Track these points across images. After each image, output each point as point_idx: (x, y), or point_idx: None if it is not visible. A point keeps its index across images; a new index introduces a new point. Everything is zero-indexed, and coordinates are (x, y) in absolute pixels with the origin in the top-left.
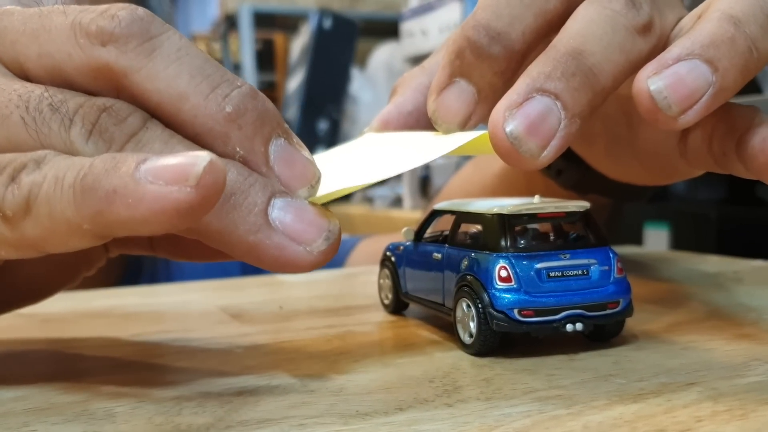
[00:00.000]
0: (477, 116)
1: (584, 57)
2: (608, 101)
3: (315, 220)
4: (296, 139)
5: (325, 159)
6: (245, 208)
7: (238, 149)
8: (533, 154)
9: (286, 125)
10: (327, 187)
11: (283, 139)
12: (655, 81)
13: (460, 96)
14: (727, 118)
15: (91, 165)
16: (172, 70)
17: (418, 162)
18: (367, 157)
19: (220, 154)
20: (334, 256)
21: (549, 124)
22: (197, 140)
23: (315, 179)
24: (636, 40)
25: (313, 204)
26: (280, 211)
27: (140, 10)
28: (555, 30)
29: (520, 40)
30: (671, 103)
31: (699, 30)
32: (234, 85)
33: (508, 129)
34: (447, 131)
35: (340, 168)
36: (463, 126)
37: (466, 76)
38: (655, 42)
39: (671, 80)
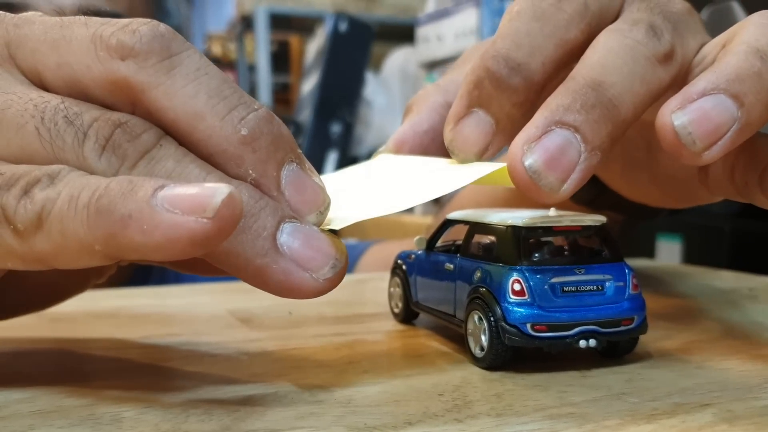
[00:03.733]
0: (494, 147)
1: (604, 88)
2: None
3: (323, 247)
4: (308, 165)
5: (340, 181)
6: (254, 231)
7: (250, 172)
8: (553, 188)
9: (299, 150)
10: (343, 216)
11: (295, 164)
12: (679, 116)
13: (477, 126)
14: (750, 149)
15: (107, 187)
16: (189, 89)
17: (436, 194)
18: (384, 186)
19: (233, 176)
20: (338, 285)
21: (568, 157)
22: (210, 160)
23: (324, 206)
24: (657, 70)
25: (322, 231)
26: (288, 237)
27: (162, 27)
28: (575, 59)
29: (540, 71)
30: (695, 138)
31: (725, 63)
32: (251, 108)
33: (527, 163)
34: (464, 161)
35: (356, 195)
36: (480, 156)
37: (485, 106)
38: (676, 71)
39: (696, 115)
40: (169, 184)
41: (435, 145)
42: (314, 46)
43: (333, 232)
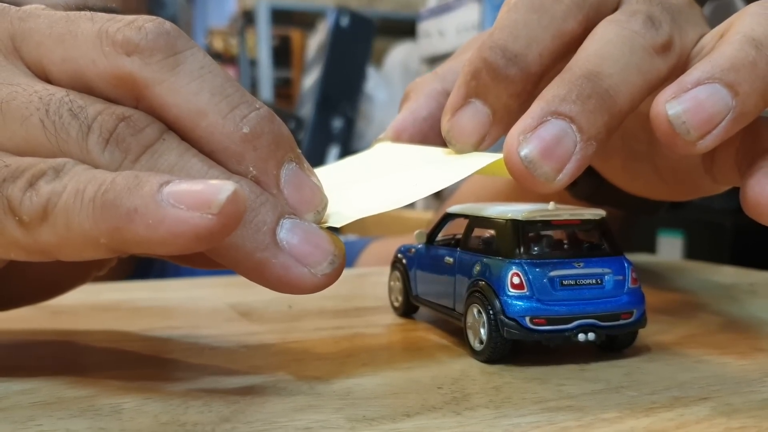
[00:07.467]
0: (491, 137)
1: (600, 79)
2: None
3: (321, 243)
4: (307, 165)
5: (338, 174)
6: (254, 225)
7: (251, 169)
8: (548, 178)
9: (299, 150)
10: (342, 214)
11: (294, 164)
12: (673, 105)
13: (474, 117)
14: (754, 134)
15: (113, 181)
16: (193, 86)
17: (433, 189)
18: (382, 180)
19: (233, 172)
20: (336, 281)
21: (564, 147)
22: (212, 157)
23: (322, 205)
24: (654, 61)
25: (320, 228)
26: (288, 232)
27: (167, 24)
28: (572, 50)
29: (536, 62)
30: (690, 128)
31: (720, 53)
32: (253, 107)
33: (522, 153)
34: (460, 151)
35: (355, 190)
36: (477, 147)
37: (482, 97)
38: (674, 61)
39: (690, 105)
40: (174, 180)
41: (434, 133)
42: (315, 41)
43: (333, 229)
